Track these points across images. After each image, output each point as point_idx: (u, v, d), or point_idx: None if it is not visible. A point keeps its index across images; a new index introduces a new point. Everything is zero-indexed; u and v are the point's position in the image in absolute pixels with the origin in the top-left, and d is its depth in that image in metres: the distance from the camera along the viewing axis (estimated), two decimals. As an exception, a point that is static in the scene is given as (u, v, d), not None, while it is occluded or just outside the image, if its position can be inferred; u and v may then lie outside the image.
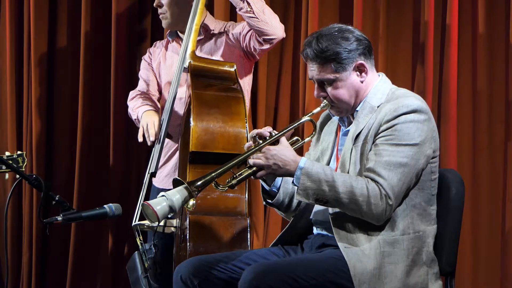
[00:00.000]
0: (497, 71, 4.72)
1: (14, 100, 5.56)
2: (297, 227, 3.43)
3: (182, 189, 3.15)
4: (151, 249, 4.23)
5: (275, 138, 3.25)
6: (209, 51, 4.51)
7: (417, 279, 3.19)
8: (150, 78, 4.68)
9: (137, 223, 4.28)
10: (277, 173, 3.22)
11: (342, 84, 3.26)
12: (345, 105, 3.29)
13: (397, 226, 3.18)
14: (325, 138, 3.44)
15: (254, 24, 4.30)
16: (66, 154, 5.56)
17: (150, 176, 4.35)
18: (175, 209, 3.14)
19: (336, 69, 3.24)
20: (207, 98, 4.16)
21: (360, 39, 3.27)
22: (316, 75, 3.27)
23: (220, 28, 4.56)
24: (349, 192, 3.13)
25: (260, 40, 4.34)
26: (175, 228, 4.22)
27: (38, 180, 3.42)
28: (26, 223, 5.53)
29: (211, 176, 3.19)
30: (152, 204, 3.13)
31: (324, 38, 3.24)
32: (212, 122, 4.09)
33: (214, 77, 4.27)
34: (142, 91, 4.67)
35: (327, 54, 3.23)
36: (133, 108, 4.59)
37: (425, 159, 3.19)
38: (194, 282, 3.26)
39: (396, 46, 4.89)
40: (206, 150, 4.05)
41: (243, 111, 4.14)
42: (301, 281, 3.10)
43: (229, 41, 4.51)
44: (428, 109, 3.23)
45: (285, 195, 3.39)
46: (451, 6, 4.66)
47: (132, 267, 4.31)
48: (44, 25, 5.53)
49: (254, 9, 4.28)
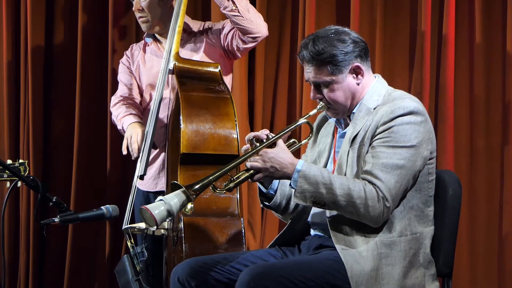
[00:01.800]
0: (493, 69, 4.72)
1: (12, 103, 5.56)
2: (295, 229, 3.43)
3: (180, 193, 3.14)
4: (143, 252, 4.23)
5: (272, 140, 3.25)
6: (190, 52, 4.51)
7: (414, 281, 3.19)
8: (131, 82, 4.66)
9: (127, 226, 4.28)
10: (274, 176, 3.23)
11: (338, 86, 3.26)
12: (341, 107, 3.29)
13: (394, 227, 3.18)
14: (322, 140, 3.44)
15: (239, 23, 4.32)
16: (64, 157, 5.56)
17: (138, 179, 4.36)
18: (173, 213, 3.13)
19: (332, 72, 3.24)
20: (196, 99, 4.16)
21: (356, 41, 3.27)
22: (312, 77, 3.27)
23: (198, 27, 4.56)
24: (346, 194, 3.13)
25: (244, 38, 4.37)
26: (166, 230, 4.23)
27: (35, 182, 3.42)
28: (23, 224, 5.52)
29: (209, 180, 3.18)
30: (150, 209, 3.12)
31: (321, 40, 3.24)
32: (202, 123, 4.09)
33: (199, 78, 4.28)
34: (124, 96, 4.65)
35: (323, 57, 3.22)
36: (118, 118, 4.58)
37: (422, 161, 3.19)
38: (191, 283, 3.25)
39: (393, 49, 4.89)
40: (197, 152, 4.05)
41: (232, 111, 4.15)
42: (298, 282, 3.09)
43: (209, 40, 4.52)
44: (424, 110, 3.22)
45: (282, 198, 3.39)
46: (448, 12, 4.66)
47: (121, 271, 4.30)
48: (40, 23, 5.52)
49: (239, 7, 4.30)
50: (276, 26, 5.17)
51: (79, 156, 5.44)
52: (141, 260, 4.22)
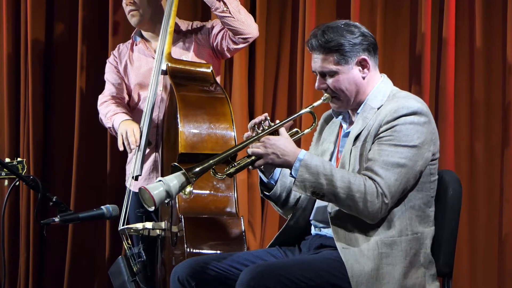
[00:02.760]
0: (494, 68, 4.72)
1: (12, 102, 5.56)
2: (294, 227, 3.42)
3: (180, 175, 3.13)
4: (140, 253, 4.23)
5: (275, 128, 3.25)
6: (180, 51, 4.52)
7: (414, 281, 3.19)
8: (119, 81, 4.66)
9: (124, 227, 4.28)
10: (275, 163, 3.21)
11: (343, 76, 3.26)
12: (345, 97, 3.29)
13: (395, 227, 3.18)
14: (326, 139, 3.44)
15: (230, 24, 4.34)
16: (64, 156, 5.56)
17: (133, 179, 4.36)
18: (172, 195, 3.12)
19: (339, 61, 3.25)
20: (192, 99, 4.19)
21: (365, 35, 3.28)
22: (318, 67, 3.27)
23: (186, 27, 4.56)
24: (346, 187, 3.13)
25: (234, 39, 4.39)
26: (162, 231, 4.23)
27: (35, 181, 3.42)
28: (23, 224, 5.52)
29: (209, 163, 3.17)
30: (149, 189, 3.12)
31: (330, 30, 3.26)
32: (199, 123, 4.11)
33: (193, 79, 4.30)
34: (112, 95, 4.65)
35: (331, 45, 3.23)
36: (107, 116, 4.57)
37: (424, 162, 3.19)
38: (191, 283, 3.25)
39: (393, 50, 4.89)
40: (195, 151, 4.07)
41: (229, 111, 4.17)
42: (299, 282, 3.09)
43: (198, 41, 4.53)
44: (428, 111, 3.22)
45: (283, 189, 3.38)
46: (448, 13, 4.66)
47: (116, 272, 4.29)
48: (41, 18, 5.52)
49: (230, 8, 4.32)
50: (277, 25, 5.18)
51: (79, 155, 5.44)
52: (139, 261, 4.22)
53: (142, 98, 4.59)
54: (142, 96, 4.58)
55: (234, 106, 5.11)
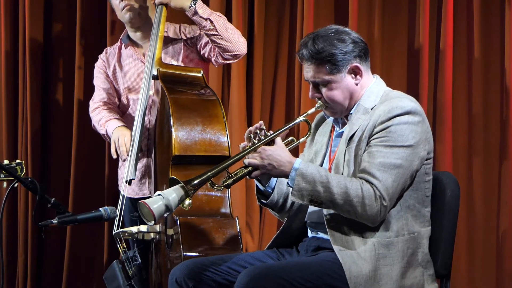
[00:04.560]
0: (492, 68, 4.73)
1: (10, 103, 5.55)
2: (291, 229, 3.43)
3: (178, 188, 3.14)
4: (135, 256, 4.23)
5: (270, 138, 3.26)
6: (169, 56, 4.51)
7: (412, 280, 3.19)
8: (108, 86, 4.64)
9: (118, 231, 4.28)
10: (272, 174, 3.23)
11: (336, 85, 3.26)
12: (339, 107, 3.30)
13: (391, 227, 3.19)
14: (319, 140, 3.45)
15: (218, 42, 4.35)
16: (62, 158, 5.55)
17: (126, 184, 4.35)
18: (172, 208, 3.13)
19: (331, 71, 3.24)
20: (184, 102, 4.20)
21: (356, 41, 3.27)
22: (311, 76, 3.27)
23: (173, 31, 4.55)
24: (343, 193, 3.13)
25: (224, 55, 4.39)
26: (157, 234, 4.23)
27: (33, 183, 3.42)
28: (21, 226, 5.52)
29: (208, 175, 3.19)
30: (149, 203, 3.12)
31: (321, 39, 3.24)
32: (192, 125, 4.12)
33: (184, 83, 4.31)
34: (103, 100, 4.63)
35: (323, 56, 3.23)
36: (100, 123, 4.56)
37: (419, 161, 3.19)
38: (189, 284, 3.25)
39: (391, 49, 4.89)
40: (189, 153, 4.08)
41: (221, 113, 4.18)
42: (297, 284, 3.09)
43: (186, 45, 4.53)
44: (422, 110, 3.23)
45: (280, 196, 3.39)
46: (446, 15, 4.67)
47: (111, 276, 4.28)
48: (39, 16, 5.52)
49: (217, 27, 4.31)
50: (275, 26, 5.18)
51: (77, 156, 5.44)
52: (134, 264, 4.21)
53: (131, 102, 4.57)
54: (132, 100, 4.57)
55: (232, 109, 5.12)
